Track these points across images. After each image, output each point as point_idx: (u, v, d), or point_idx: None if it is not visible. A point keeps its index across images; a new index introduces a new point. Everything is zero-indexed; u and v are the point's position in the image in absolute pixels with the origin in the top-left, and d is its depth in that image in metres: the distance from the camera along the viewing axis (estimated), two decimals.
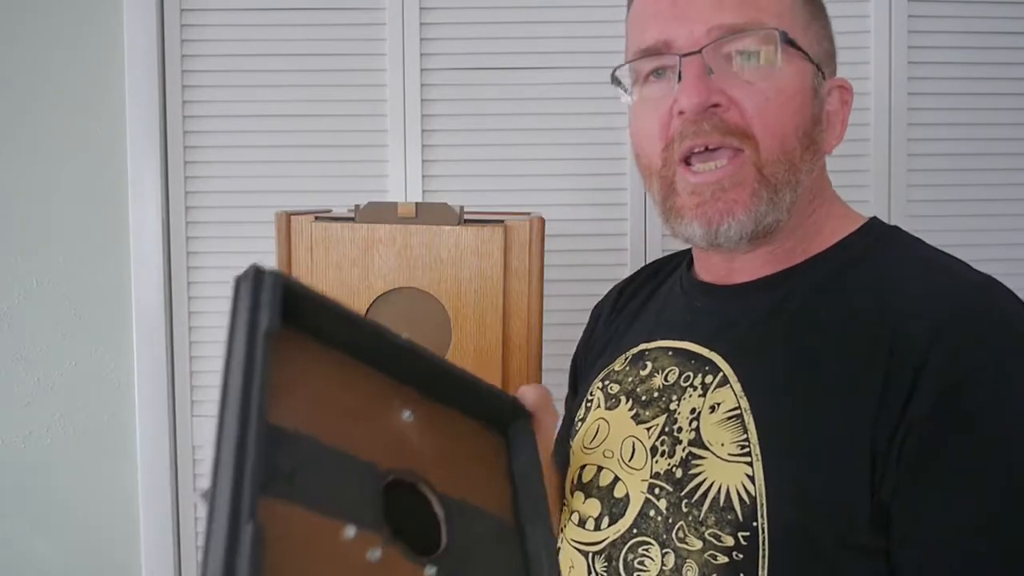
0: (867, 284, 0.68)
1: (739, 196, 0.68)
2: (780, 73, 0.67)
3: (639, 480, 0.74)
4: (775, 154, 0.67)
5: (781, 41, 0.66)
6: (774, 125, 0.67)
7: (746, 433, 0.67)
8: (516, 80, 1.55)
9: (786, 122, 0.67)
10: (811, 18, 0.71)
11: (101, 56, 1.54)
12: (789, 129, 0.68)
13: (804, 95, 0.69)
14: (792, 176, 0.68)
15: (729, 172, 0.68)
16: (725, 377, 0.71)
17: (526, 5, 1.54)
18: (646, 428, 0.75)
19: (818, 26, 0.71)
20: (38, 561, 1.59)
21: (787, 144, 0.68)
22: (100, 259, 1.56)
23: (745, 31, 0.67)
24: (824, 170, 0.73)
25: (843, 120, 0.71)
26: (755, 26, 0.66)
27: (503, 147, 1.54)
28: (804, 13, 0.71)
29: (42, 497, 1.58)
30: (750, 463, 0.66)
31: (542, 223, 1.03)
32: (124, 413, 1.57)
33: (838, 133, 0.71)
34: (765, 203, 0.68)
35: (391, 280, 1.02)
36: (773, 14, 0.68)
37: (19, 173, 1.55)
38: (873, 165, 1.55)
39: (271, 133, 1.55)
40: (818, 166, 0.71)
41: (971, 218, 1.59)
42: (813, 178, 0.71)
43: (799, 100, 0.68)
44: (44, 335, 1.56)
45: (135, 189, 1.54)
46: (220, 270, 1.57)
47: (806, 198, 0.71)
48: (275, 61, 1.55)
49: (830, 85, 0.72)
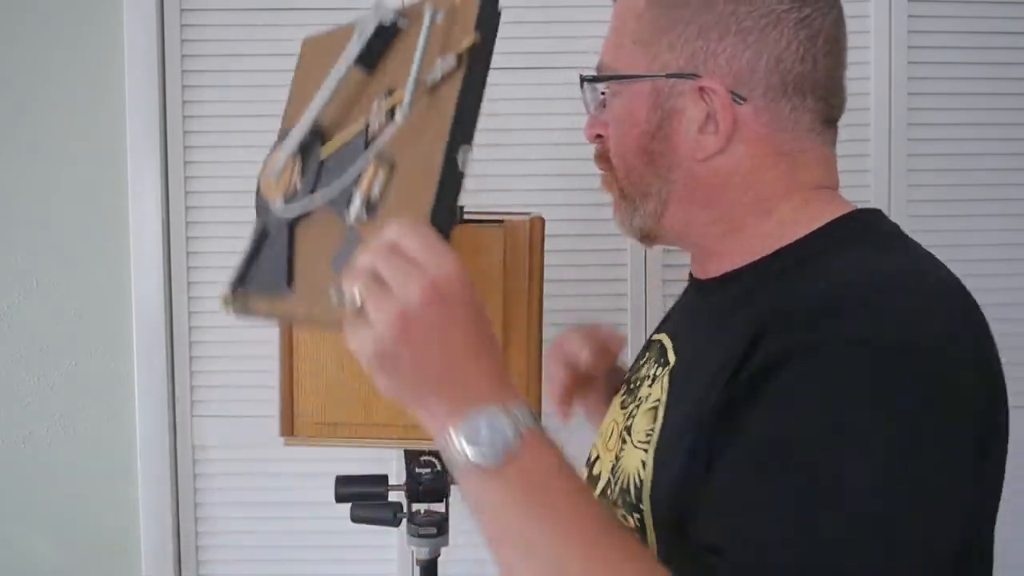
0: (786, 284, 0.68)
1: (615, 203, 0.79)
2: (611, 104, 0.75)
3: (607, 461, 0.80)
4: (620, 172, 0.76)
5: (584, 84, 0.76)
6: (615, 148, 0.75)
7: (654, 423, 0.72)
8: (516, 80, 1.55)
9: (623, 145, 0.74)
10: (665, 28, 0.70)
11: (101, 56, 1.54)
12: (625, 148, 0.74)
13: (632, 117, 0.72)
14: (642, 189, 0.74)
15: (606, 183, 0.79)
16: (669, 369, 0.76)
17: (526, 5, 1.54)
18: (623, 413, 0.81)
19: (676, 33, 0.70)
20: (38, 561, 1.59)
21: (627, 162, 0.74)
22: (100, 259, 1.56)
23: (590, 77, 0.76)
24: (724, 178, 0.71)
25: (723, 119, 0.68)
26: (596, 70, 0.76)
27: (503, 147, 1.54)
28: (652, 30, 0.71)
29: (42, 497, 1.58)
30: (647, 451, 0.71)
31: (542, 223, 1.03)
32: (124, 413, 1.57)
33: (721, 132, 0.69)
34: (627, 211, 0.77)
35: None
36: (614, 50, 0.75)
37: (19, 173, 1.55)
38: (873, 165, 1.55)
39: (271, 133, 1.54)
40: (680, 175, 0.72)
41: (971, 218, 1.59)
42: (697, 183, 0.72)
43: (627, 124, 0.73)
44: (44, 335, 1.56)
45: (135, 189, 1.54)
46: (220, 270, 1.56)
47: (694, 201, 0.73)
48: (275, 61, 1.54)
49: (695, 87, 0.69)
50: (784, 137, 0.70)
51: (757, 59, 0.68)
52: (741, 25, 0.68)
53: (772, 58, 0.68)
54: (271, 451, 1.49)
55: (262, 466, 1.57)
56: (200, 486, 1.59)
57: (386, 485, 1.21)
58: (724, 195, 0.72)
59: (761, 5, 0.68)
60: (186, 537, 1.59)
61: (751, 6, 0.68)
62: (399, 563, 1.58)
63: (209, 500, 1.59)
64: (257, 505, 1.59)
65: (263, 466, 1.57)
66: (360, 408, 1.03)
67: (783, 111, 0.70)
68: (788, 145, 0.71)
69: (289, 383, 1.05)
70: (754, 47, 0.68)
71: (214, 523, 1.59)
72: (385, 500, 1.21)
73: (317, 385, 1.03)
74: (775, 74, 0.68)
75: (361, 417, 1.04)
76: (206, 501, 1.59)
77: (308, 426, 1.05)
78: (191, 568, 1.59)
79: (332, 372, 1.03)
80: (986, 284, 1.60)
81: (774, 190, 0.71)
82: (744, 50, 0.68)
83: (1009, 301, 1.60)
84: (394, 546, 1.57)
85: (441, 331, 0.55)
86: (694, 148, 0.70)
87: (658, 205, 0.74)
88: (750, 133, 0.69)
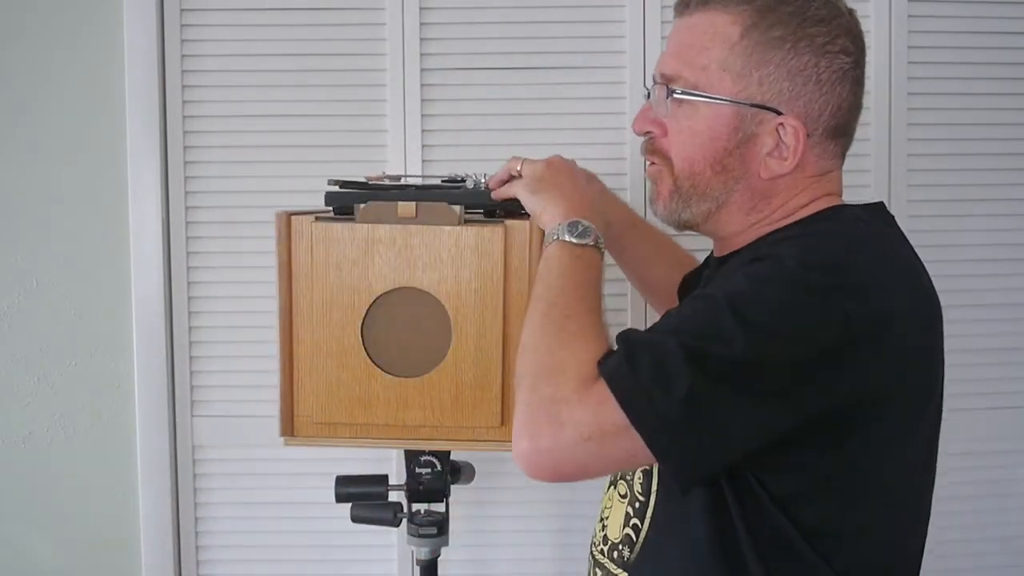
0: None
1: (661, 194, 0.91)
2: (683, 113, 0.86)
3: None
4: (683, 172, 0.88)
5: (668, 94, 0.87)
6: (683, 152, 0.87)
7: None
8: (516, 80, 1.55)
9: (696, 152, 0.86)
10: (758, 64, 0.83)
11: (101, 56, 1.54)
12: (697, 157, 0.86)
13: (713, 132, 0.85)
14: (702, 191, 0.87)
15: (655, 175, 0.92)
16: None
17: (526, 5, 1.54)
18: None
19: (767, 71, 0.83)
20: (38, 561, 1.59)
21: (695, 167, 0.87)
22: (100, 259, 1.56)
23: (664, 81, 0.88)
24: (773, 186, 0.86)
25: (793, 150, 0.83)
26: (670, 78, 0.87)
27: (503, 147, 1.53)
28: (744, 63, 0.83)
29: (42, 497, 1.58)
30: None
31: None
32: (124, 413, 1.57)
33: (788, 161, 0.84)
34: (678, 204, 0.89)
35: (391, 280, 1.02)
36: (697, 67, 0.85)
37: (19, 173, 1.55)
38: (873, 165, 1.55)
39: (271, 133, 1.55)
40: (744, 186, 0.86)
41: (971, 218, 1.59)
42: (753, 193, 0.86)
43: (706, 136, 0.85)
44: (44, 335, 1.56)
45: (135, 189, 1.54)
46: (220, 270, 1.57)
47: (743, 207, 0.88)
48: (274, 61, 1.55)
49: (777, 122, 0.83)
50: (823, 164, 0.87)
51: (825, 106, 0.84)
52: (820, 76, 0.83)
53: (834, 106, 0.84)
54: (271, 451, 1.49)
55: (262, 466, 1.57)
56: (200, 486, 1.59)
57: (386, 485, 1.21)
58: (769, 203, 0.87)
59: (835, 61, 0.83)
60: (186, 537, 1.59)
61: (829, 61, 0.83)
62: (399, 563, 1.58)
63: (209, 500, 1.59)
64: (257, 505, 1.59)
65: (263, 466, 1.57)
66: (360, 408, 1.03)
67: (828, 146, 0.86)
68: (823, 169, 0.87)
69: (289, 383, 1.05)
70: (826, 96, 0.83)
71: (214, 523, 1.59)
72: (385, 500, 1.21)
73: (317, 385, 1.03)
74: (833, 119, 0.85)
75: (361, 417, 1.04)
76: (206, 501, 1.59)
77: (308, 426, 1.05)
78: (191, 568, 1.59)
79: (332, 372, 1.03)
80: (986, 284, 1.61)
81: (802, 200, 0.87)
82: (819, 97, 0.83)
83: (1009, 301, 1.60)
84: (394, 546, 1.57)
85: (568, 171, 0.97)
86: (761, 168, 0.85)
87: (713, 207, 0.88)
88: (803, 161, 0.85)
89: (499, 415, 1.03)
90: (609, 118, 1.55)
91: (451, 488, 1.20)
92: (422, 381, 1.03)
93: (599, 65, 1.55)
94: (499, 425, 1.03)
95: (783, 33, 0.82)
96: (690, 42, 0.86)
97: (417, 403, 1.03)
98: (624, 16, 1.54)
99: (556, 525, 1.58)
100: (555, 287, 0.84)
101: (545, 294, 0.84)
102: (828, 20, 0.83)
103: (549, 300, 0.83)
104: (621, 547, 0.91)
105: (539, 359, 0.78)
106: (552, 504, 1.59)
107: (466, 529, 1.54)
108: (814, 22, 0.82)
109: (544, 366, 0.77)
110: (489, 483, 1.49)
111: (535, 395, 0.75)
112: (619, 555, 0.91)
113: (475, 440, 1.05)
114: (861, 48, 0.86)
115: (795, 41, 0.82)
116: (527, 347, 0.81)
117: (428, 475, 1.18)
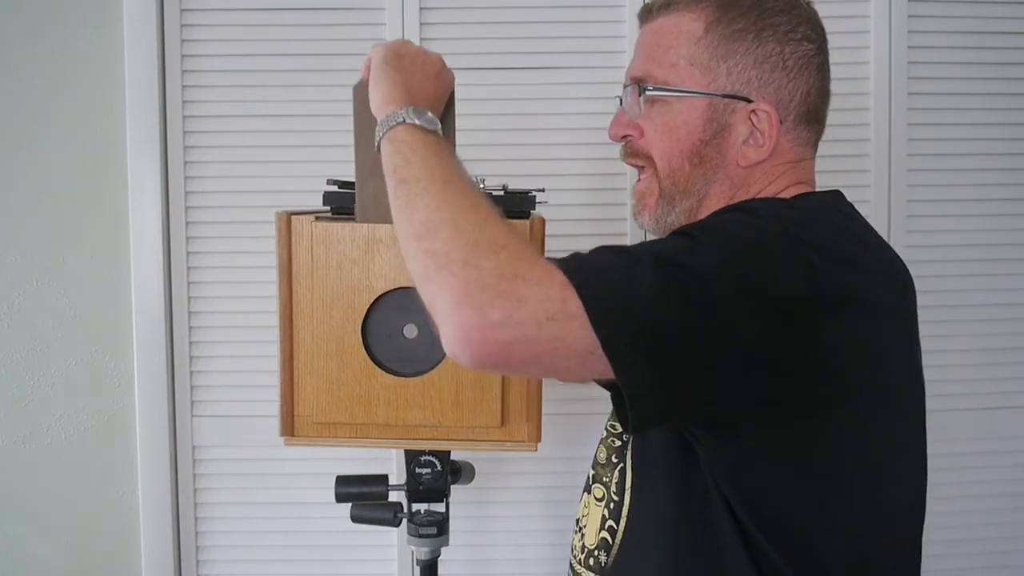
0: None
1: (648, 202, 0.91)
2: (657, 112, 0.88)
3: None
4: (664, 171, 0.89)
5: (641, 93, 0.88)
6: (662, 150, 0.88)
7: None
8: (516, 80, 1.55)
9: (674, 148, 0.87)
10: (724, 56, 0.85)
11: (101, 56, 1.54)
12: (675, 151, 0.88)
13: (688, 126, 0.86)
14: (683, 186, 0.88)
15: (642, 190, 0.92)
16: None
17: (526, 5, 1.54)
18: None
19: (734, 62, 0.85)
20: (38, 561, 1.59)
21: (674, 163, 0.88)
22: (100, 259, 1.56)
23: (635, 83, 0.89)
24: (750, 174, 0.87)
25: (768, 135, 0.85)
26: (640, 78, 0.89)
27: (503, 147, 1.54)
28: (711, 56, 0.85)
29: (42, 497, 1.58)
30: None
31: (542, 223, 1.04)
32: (124, 413, 1.57)
33: (764, 147, 0.86)
34: (665, 209, 0.90)
35: (391, 280, 1.02)
36: (666, 64, 0.87)
37: (19, 173, 1.55)
38: (873, 165, 1.55)
39: (271, 133, 1.55)
40: (723, 176, 0.88)
41: (971, 218, 1.59)
42: (732, 182, 0.88)
43: (682, 131, 0.87)
44: (44, 335, 1.56)
45: (135, 189, 1.54)
46: (220, 270, 1.57)
47: (722, 197, 0.88)
48: (274, 61, 1.55)
49: (749, 109, 0.85)
50: (798, 151, 0.88)
51: (795, 91, 0.86)
52: (787, 63, 0.85)
53: (803, 92, 0.86)
54: (271, 451, 1.49)
55: (262, 466, 1.57)
56: (200, 486, 1.59)
57: (386, 485, 1.21)
58: (747, 192, 0.88)
59: (799, 48, 0.86)
60: (186, 537, 1.59)
61: (794, 48, 0.85)
62: (399, 563, 1.58)
63: (209, 500, 1.59)
64: (257, 505, 1.59)
65: (263, 466, 1.57)
66: (360, 408, 1.03)
67: (802, 133, 0.88)
68: (798, 156, 0.89)
69: (289, 383, 1.04)
70: (794, 82, 0.86)
71: (214, 523, 1.59)
72: (385, 500, 1.21)
73: (317, 385, 1.03)
74: (803, 104, 0.87)
75: (361, 417, 1.04)
76: (206, 501, 1.59)
77: (308, 426, 1.05)
78: (191, 568, 1.59)
79: (332, 372, 1.03)
80: (986, 284, 1.61)
81: (778, 187, 0.88)
82: (787, 83, 0.85)
83: (1009, 301, 1.60)
84: (394, 546, 1.57)
85: (421, 57, 0.93)
86: (739, 156, 0.87)
87: (695, 202, 0.89)
88: (778, 147, 0.86)
89: (499, 415, 1.03)
90: (609, 118, 1.54)
91: (451, 488, 1.20)
92: (422, 381, 1.03)
93: (599, 65, 1.55)
94: (499, 425, 1.03)
95: (745, 24, 0.85)
96: (657, 43, 0.89)
97: (417, 403, 1.03)
98: (624, 16, 1.54)
99: (556, 525, 1.58)
100: (434, 163, 0.78)
101: (429, 172, 0.77)
102: (787, 10, 0.86)
103: (442, 177, 0.76)
104: (597, 552, 0.91)
105: (465, 234, 0.71)
106: (552, 504, 1.59)
107: (466, 529, 1.54)
108: (774, 12, 0.85)
109: (474, 241, 0.70)
110: (489, 483, 1.49)
111: (472, 270, 0.68)
112: (595, 561, 0.91)
113: (475, 440, 1.05)
114: (822, 36, 0.88)
115: (758, 31, 0.85)
116: (439, 221, 0.72)
117: (428, 475, 1.18)
